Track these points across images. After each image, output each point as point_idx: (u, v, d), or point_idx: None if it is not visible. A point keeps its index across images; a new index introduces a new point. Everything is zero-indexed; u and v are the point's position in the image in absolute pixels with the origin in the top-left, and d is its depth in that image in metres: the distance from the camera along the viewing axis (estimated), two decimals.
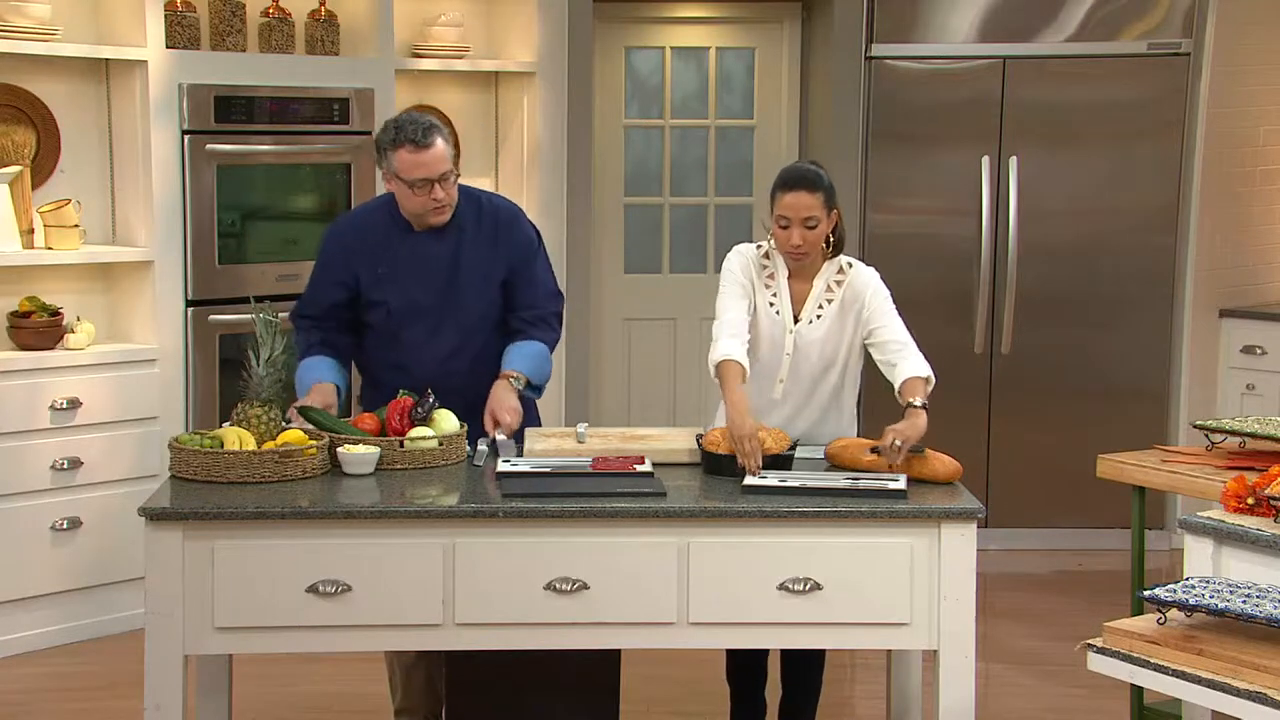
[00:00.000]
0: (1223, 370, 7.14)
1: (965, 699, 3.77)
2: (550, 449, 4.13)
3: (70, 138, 5.80)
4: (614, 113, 7.58)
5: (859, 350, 4.34)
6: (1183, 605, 3.14)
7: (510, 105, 6.97)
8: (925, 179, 6.96)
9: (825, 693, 5.05)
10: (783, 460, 4.02)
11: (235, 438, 3.91)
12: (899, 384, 4.19)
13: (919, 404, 4.10)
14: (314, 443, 3.93)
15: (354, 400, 4.77)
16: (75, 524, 5.61)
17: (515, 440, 4.23)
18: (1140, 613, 3.43)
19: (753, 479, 3.88)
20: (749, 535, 3.71)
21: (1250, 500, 3.55)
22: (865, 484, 3.84)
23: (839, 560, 3.72)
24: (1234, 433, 4.31)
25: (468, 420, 4.20)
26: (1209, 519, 3.54)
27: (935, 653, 3.77)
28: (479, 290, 4.37)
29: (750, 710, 4.50)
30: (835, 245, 4.34)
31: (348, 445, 3.97)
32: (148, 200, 5.74)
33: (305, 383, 4.31)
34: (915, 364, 4.23)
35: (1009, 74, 6.87)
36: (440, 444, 4.04)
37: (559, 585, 3.69)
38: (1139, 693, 4.55)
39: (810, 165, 4.35)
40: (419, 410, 4.08)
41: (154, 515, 3.64)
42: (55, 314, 5.62)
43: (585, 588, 3.70)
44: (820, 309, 4.30)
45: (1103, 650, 3.21)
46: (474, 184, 4.66)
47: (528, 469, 3.95)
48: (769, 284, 4.31)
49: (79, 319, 5.68)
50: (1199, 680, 3.04)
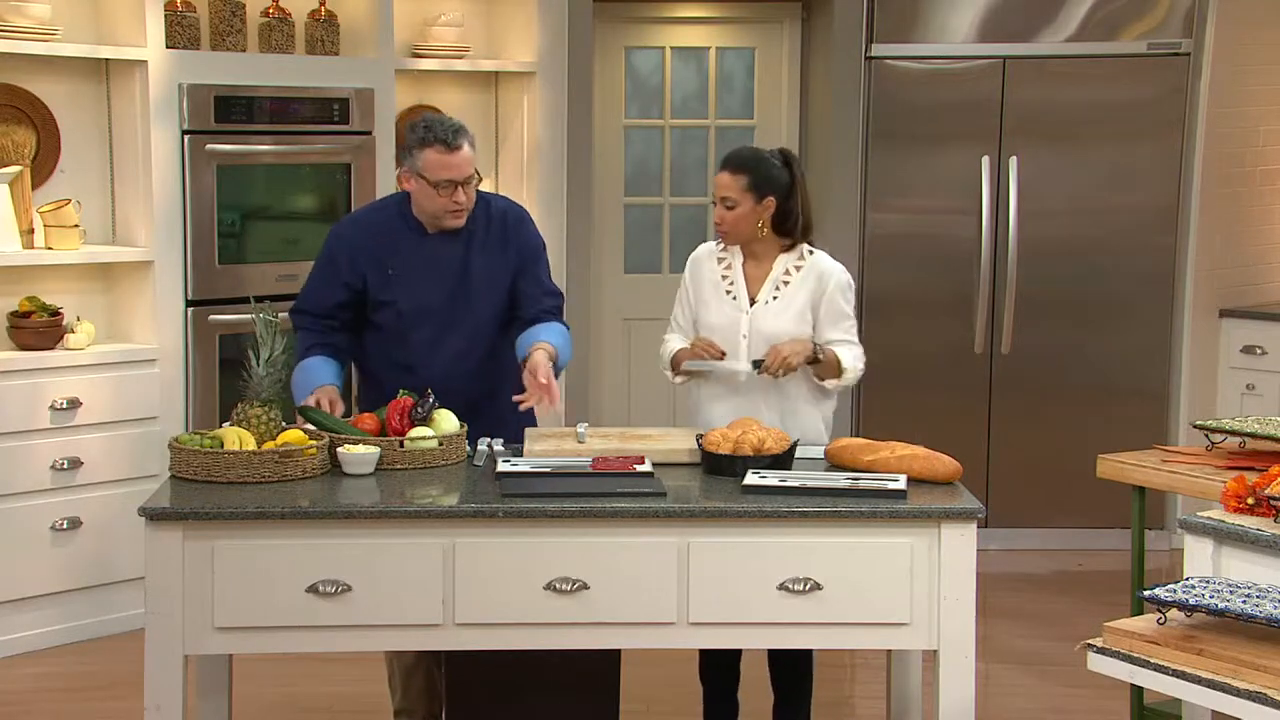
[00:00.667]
0: (1223, 370, 7.14)
1: (965, 699, 3.77)
2: (550, 449, 4.13)
3: (70, 138, 5.80)
4: (614, 113, 7.58)
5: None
6: (1183, 605, 3.14)
7: (510, 105, 6.96)
8: (925, 179, 6.96)
9: (826, 693, 5.06)
10: (783, 460, 4.02)
11: (235, 438, 3.91)
12: None
13: (819, 343, 4.31)
14: (314, 443, 3.93)
15: (353, 400, 4.77)
16: (75, 524, 5.61)
17: (512, 442, 4.21)
18: (1140, 613, 3.42)
19: (733, 363, 4.23)
20: (749, 535, 3.71)
21: (1250, 500, 3.55)
22: (865, 484, 3.84)
23: (839, 560, 3.72)
24: (1234, 433, 4.30)
25: (470, 421, 4.21)
26: (1209, 519, 3.54)
27: (935, 653, 3.76)
28: (488, 292, 4.37)
29: (723, 710, 4.51)
30: (788, 232, 4.39)
31: (348, 445, 3.97)
32: (148, 200, 5.74)
33: (305, 386, 4.30)
34: (845, 353, 4.36)
35: (1009, 74, 6.87)
36: (440, 444, 4.03)
37: (559, 585, 3.69)
38: (1139, 693, 4.55)
39: (752, 149, 4.45)
40: (419, 410, 4.08)
41: (154, 515, 3.64)
42: (55, 314, 5.62)
43: (585, 588, 3.70)
44: (777, 290, 4.37)
45: (1103, 650, 3.21)
46: None
47: (528, 469, 3.95)
48: (725, 273, 4.41)
49: (79, 319, 5.68)
50: (1199, 680, 3.03)
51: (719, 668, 4.48)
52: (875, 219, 6.98)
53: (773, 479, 3.85)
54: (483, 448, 4.15)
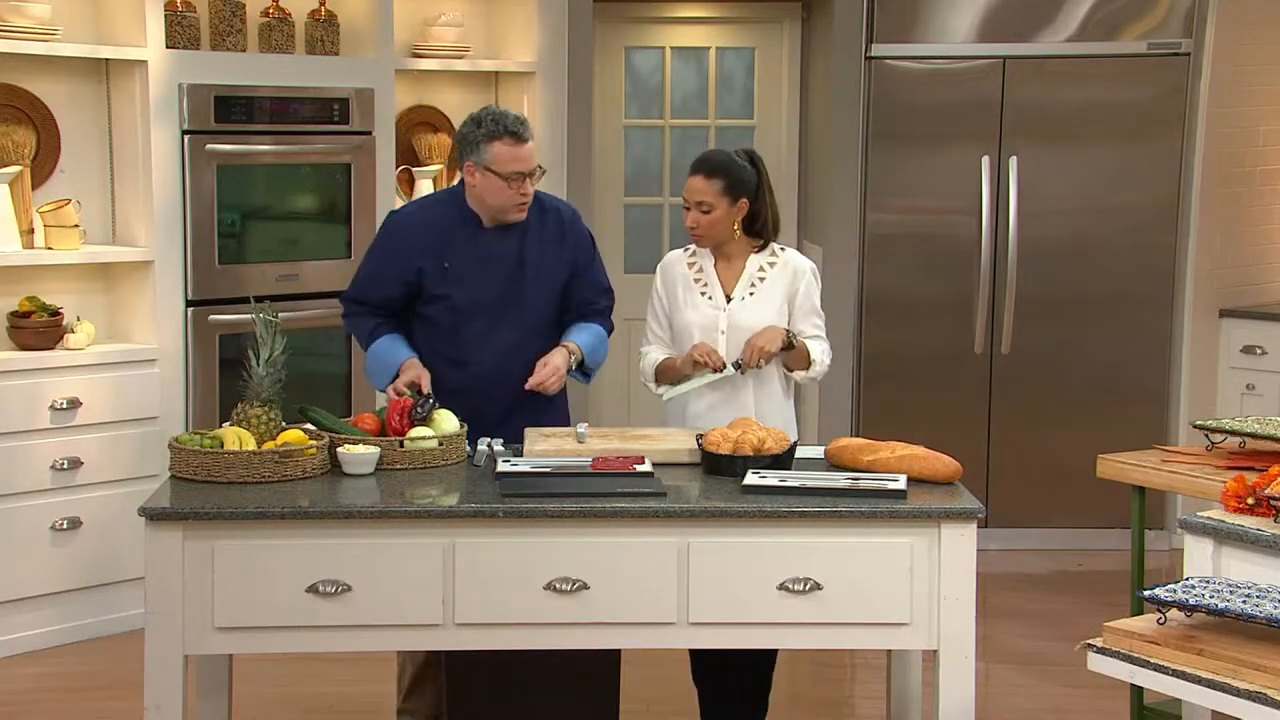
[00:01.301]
0: (1223, 370, 7.14)
1: (965, 699, 3.77)
2: (550, 449, 4.13)
3: (70, 138, 5.80)
4: (614, 113, 7.58)
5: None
6: (1183, 605, 3.14)
7: (510, 105, 6.94)
8: (925, 179, 6.96)
9: (826, 692, 5.07)
10: (783, 460, 4.02)
11: (235, 438, 3.91)
12: None
13: (791, 331, 4.37)
14: (314, 443, 3.93)
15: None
16: (75, 524, 5.61)
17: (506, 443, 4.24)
18: (1140, 613, 3.43)
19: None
20: (749, 535, 3.71)
21: (1250, 500, 3.55)
22: (865, 484, 3.84)
23: (839, 560, 3.72)
24: (1234, 433, 4.30)
25: (515, 416, 4.27)
26: (1209, 519, 3.54)
27: (935, 653, 3.76)
28: (542, 287, 4.41)
29: (721, 711, 4.50)
30: (759, 233, 4.46)
31: (348, 445, 3.97)
32: (148, 200, 5.74)
33: (388, 366, 4.34)
34: (814, 346, 4.43)
35: (1009, 74, 6.87)
36: (440, 444, 4.04)
37: (559, 585, 3.69)
38: (1139, 693, 4.55)
39: (721, 152, 4.51)
40: (419, 410, 4.09)
41: (154, 515, 3.64)
42: (55, 314, 5.62)
43: (585, 588, 3.70)
44: (753, 287, 4.43)
45: (1103, 650, 3.21)
46: None
47: (528, 469, 3.95)
48: (698, 276, 4.46)
49: (79, 319, 5.68)
50: (1199, 680, 3.03)
51: (712, 670, 4.47)
52: (875, 219, 6.98)
53: (773, 479, 3.85)
54: (483, 448, 4.15)
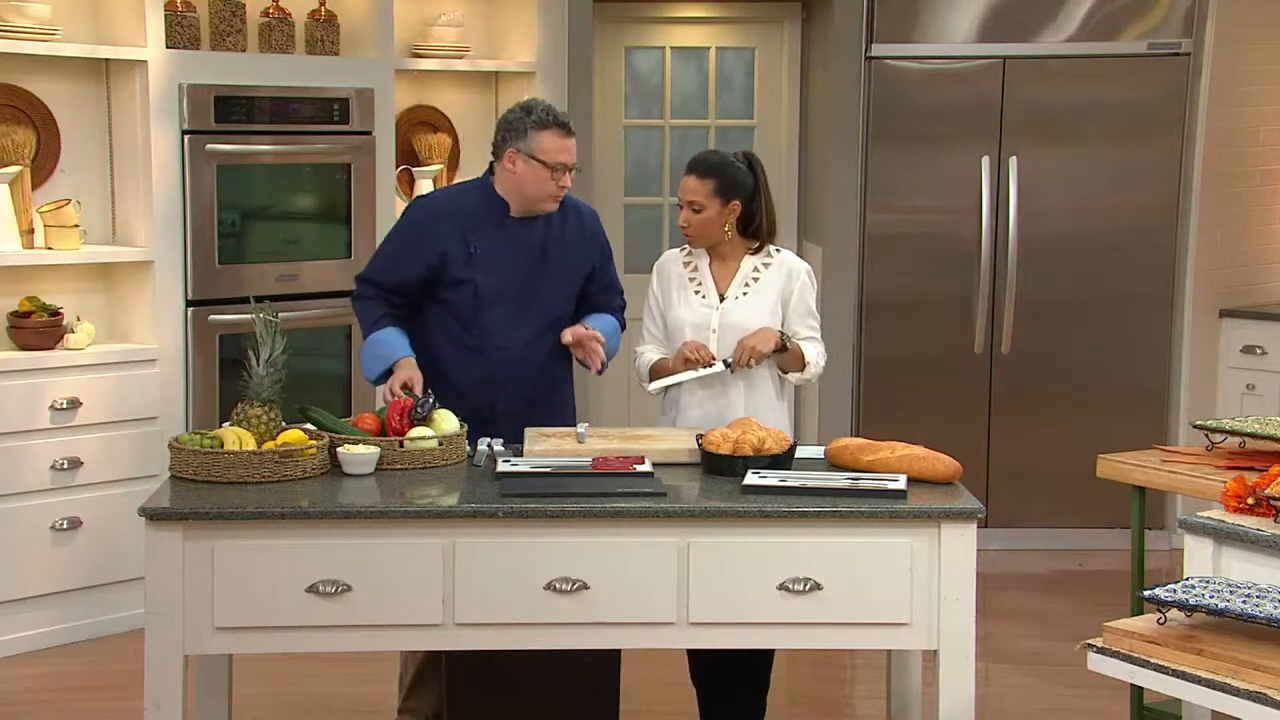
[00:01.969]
0: (1223, 370, 7.14)
1: (965, 699, 3.77)
2: (550, 449, 4.13)
3: (70, 138, 5.80)
4: (614, 113, 7.58)
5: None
6: (1183, 605, 3.14)
7: (510, 105, 6.95)
8: (925, 179, 6.96)
9: (826, 692, 5.07)
10: (783, 460, 4.02)
11: (235, 438, 3.91)
12: None
13: (785, 333, 4.39)
14: (314, 443, 3.93)
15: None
16: (75, 524, 5.61)
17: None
18: (1140, 613, 3.42)
19: (717, 365, 4.30)
20: (749, 535, 3.71)
21: (1250, 500, 3.55)
22: (865, 484, 3.84)
23: (839, 560, 3.72)
24: (1234, 433, 4.30)
25: (530, 411, 4.30)
26: (1209, 519, 3.54)
27: (935, 653, 3.76)
28: (563, 282, 4.45)
29: (720, 711, 4.50)
30: (754, 235, 4.48)
31: (348, 445, 3.97)
32: (148, 200, 5.74)
33: (383, 358, 4.34)
34: (809, 348, 4.44)
35: (1009, 74, 6.86)
36: (440, 444, 4.04)
37: (559, 585, 3.69)
38: (1139, 693, 4.55)
39: (717, 153, 4.53)
40: (419, 410, 4.09)
41: (154, 515, 3.64)
42: (55, 314, 5.62)
43: (585, 588, 3.70)
44: (746, 287, 4.45)
45: (1103, 650, 3.21)
46: None
47: (528, 469, 3.95)
48: (693, 276, 4.49)
49: (79, 319, 5.68)
50: (1199, 680, 3.03)
51: (711, 668, 4.47)
52: (875, 219, 6.98)
53: (773, 479, 3.85)
54: (483, 448, 4.15)
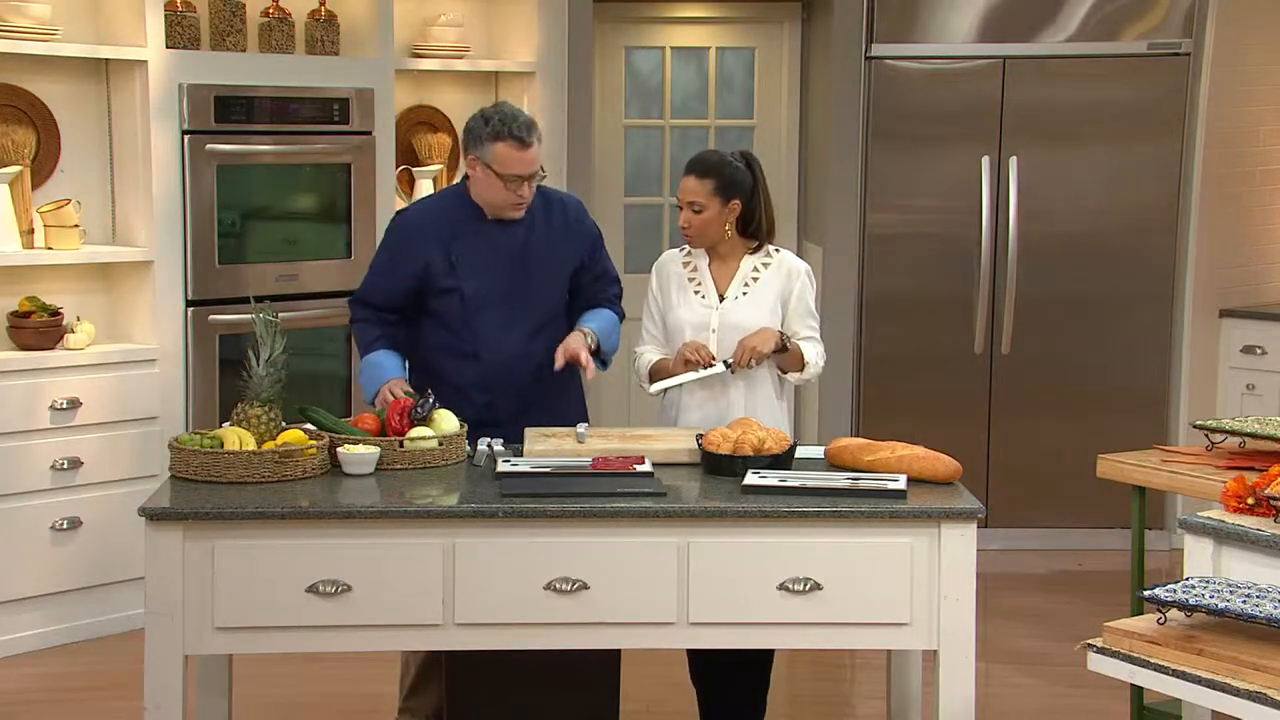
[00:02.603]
0: (1223, 370, 7.14)
1: (965, 699, 3.77)
2: (550, 449, 4.13)
3: (70, 138, 5.80)
4: (614, 113, 7.58)
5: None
6: (1183, 605, 3.14)
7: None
8: (925, 179, 6.96)
9: (826, 692, 5.07)
10: (783, 460, 4.02)
11: (235, 438, 3.91)
12: None
13: (785, 334, 4.39)
14: (314, 443, 3.93)
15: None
16: (75, 524, 5.61)
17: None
18: (1140, 613, 3.42)
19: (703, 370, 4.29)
20: (749, 535, 3.71)
21: (1250, 500, 3.55)
22: (865, 484, 3.84)
23: (839, 560, 3.72)
24: (1234, 433, 4.30)
25: (528, 409, 4.29)
26: (1209, 519, 3.54)
27: (935, 653, 3.76)
28: (550, 279, 4.43)
29: (719, 711, 4.50)
30: (753, 235, 4.48)
31: (348, 445, 3.97)
32: (148, 200, 5.74)
33: (376, 380, 4.33)
34: (809, 348, 4.44)
35: (1009, 74, 6.87)
36: (440, 444, 4.04)
37: (559, 585, 3.69)
38: (1139, 693, 4.55)
39: (715, 153, 4.52)
40: (419, 410, 4.08)
41: (154, 515, 3.64)
42: (55, 314, 5.62)
43: (585, 588, 3.70)
44: (746, 287, 4.46)
45: (1103, 650, 3.21)
46: None
47: (528, 469, 3.95)
48: (692, 276, 4.50)
49: (79, 319, 5.68)
50: (1199, 680, 3.03)
51: (711, 668, 4.47)
52: (875, 219, 6.98)
53: (773, 479, 3.85)
54: (483, 448, 4.15)
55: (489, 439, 4.19)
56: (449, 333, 4.40)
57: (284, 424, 4.02)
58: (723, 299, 4.45)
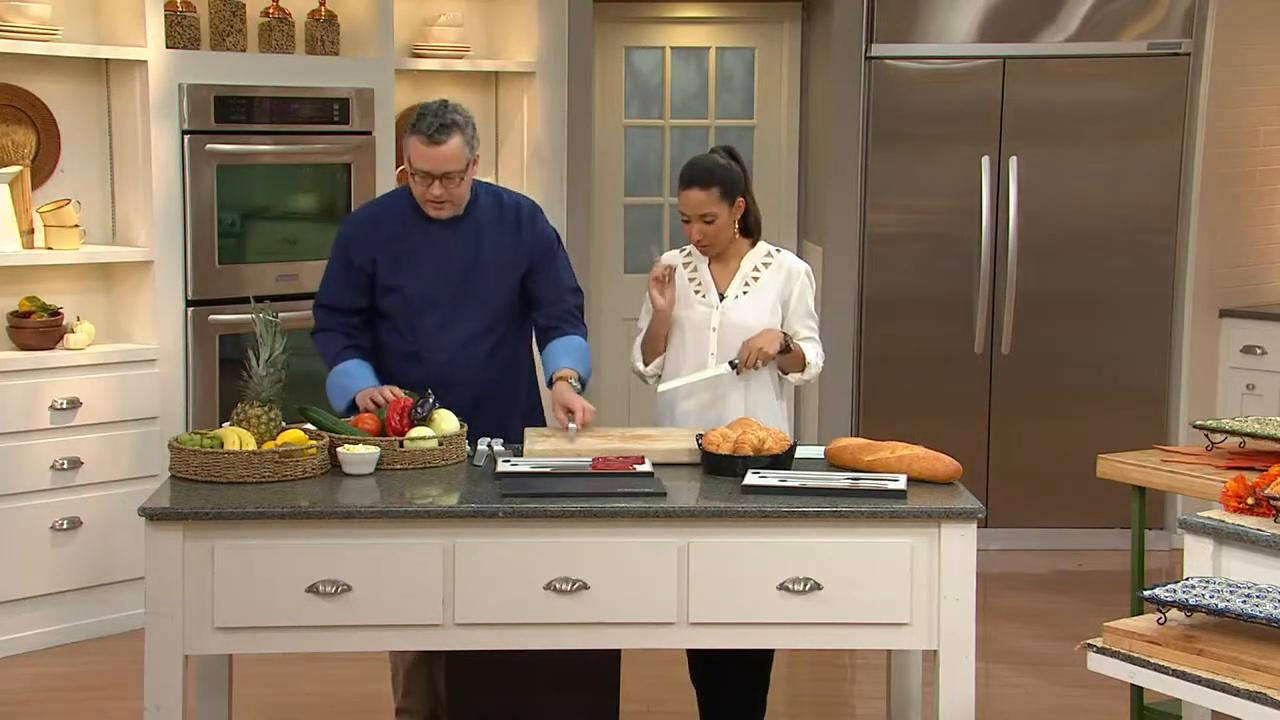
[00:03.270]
0: (1223, 370, 7.14)
1: (965, 699, 3.77)
2: (550, 449, 4.13)
3: (70, 138, 5.80)
4: (614, 113, 7.58)
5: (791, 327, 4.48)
6: (1183, 605, 3.14)
7: (510, 105, 6.96)
8: (925, 179, 6.96)
9: (826, 692, 5.06)
10: (783, 460, 4.02)
11: (235, 438, 3.91)
12: None
13: (788, 334, 4.40)
14: (314, 443, 3.93)
15: None
16: (75, 524, 5.61)
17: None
18: (1140, 613, 3.42)
19: (708, 370, 4.34)
20: (749, 535, 3.71)
21: (1250, 500, 3.55)
22: (865, 484, 3.84)
23: (839, 560, 3.72)
24: (1234, 433, 4.30)
25: (475, 415, 4.22)
26: (1209, 519, 3.54)
27: (935, 653, 3.76)
28: (499, 281, 4.38)
29: (719, 711, 4.50)
30: (748, 230, 4.49)
31: (348, 445, 3.97)
32: (148, 200, 5.74)
33: (347, 390, 4.29)
34: (809, 348, 4.45)
35: (1009, 74, 6.86)
36: (440, 444, 4.04)
37: (559, 585, 3.69)
38: (1139, 693, 4.55)
39: (707, 158, 4.49)
40: (419, 410, 4.08)
41: (154, 515, 3.64)
42: (55, 314, 5.62)
43: (585, 588, 3.70)
44: (746, 286, 4.46)
45: (1103, 650, 3.21)
46: None
47: (528, 469, 3.95)
48: (693, 276, 4.50)
49: (79, 319, 5.68)
50: (1199, 680, 3.03)
51: (711, 669, 4.47)
52: (875, 219, 6.98)
53: (773, 479, 3.85)
54: (483, 448, 4.15)
55: (489, 439, 4.19)
56: (395, 332, 4.39)
57: (284, 424, 4.02)
58: (723, 298, 4.45)
